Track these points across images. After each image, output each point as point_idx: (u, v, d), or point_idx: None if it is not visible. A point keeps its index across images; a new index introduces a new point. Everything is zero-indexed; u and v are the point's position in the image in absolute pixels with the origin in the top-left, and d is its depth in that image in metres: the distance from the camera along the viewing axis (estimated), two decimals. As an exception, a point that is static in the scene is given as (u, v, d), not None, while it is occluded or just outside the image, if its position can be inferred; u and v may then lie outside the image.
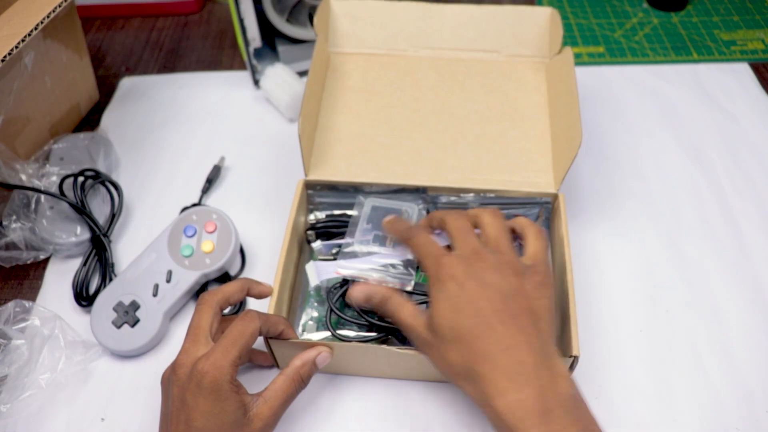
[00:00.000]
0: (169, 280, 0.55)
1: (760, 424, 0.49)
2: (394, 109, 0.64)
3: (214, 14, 0.89)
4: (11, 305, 0.52)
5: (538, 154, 0.60)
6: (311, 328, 0.52)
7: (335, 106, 0.64)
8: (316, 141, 0.61)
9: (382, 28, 0.68)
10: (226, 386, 0.41)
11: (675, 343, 0.54)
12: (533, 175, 0.58)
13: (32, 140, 0.65)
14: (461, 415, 0.49)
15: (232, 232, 0.57)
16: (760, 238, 0.61)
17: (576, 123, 0.54)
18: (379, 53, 0.69)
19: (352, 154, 0.60)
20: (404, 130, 0.62)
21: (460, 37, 0.68)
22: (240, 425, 0.41)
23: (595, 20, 0.86)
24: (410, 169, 0.58)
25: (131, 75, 0.80)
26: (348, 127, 0.62)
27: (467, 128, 0.62)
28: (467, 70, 0.67)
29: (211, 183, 0.65)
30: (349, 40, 0.69)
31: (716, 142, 0.70)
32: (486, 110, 0.63)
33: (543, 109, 0.63)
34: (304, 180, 0.57)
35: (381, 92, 0.65)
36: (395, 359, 0.48)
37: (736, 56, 0.80)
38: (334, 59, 0.68)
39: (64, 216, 0.59)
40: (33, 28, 0.54)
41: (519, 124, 0.62)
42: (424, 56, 0.68)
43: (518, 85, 0.65)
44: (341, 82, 0.66)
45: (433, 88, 0.66)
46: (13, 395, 0.49)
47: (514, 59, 0.68)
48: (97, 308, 0.54)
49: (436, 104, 0.64)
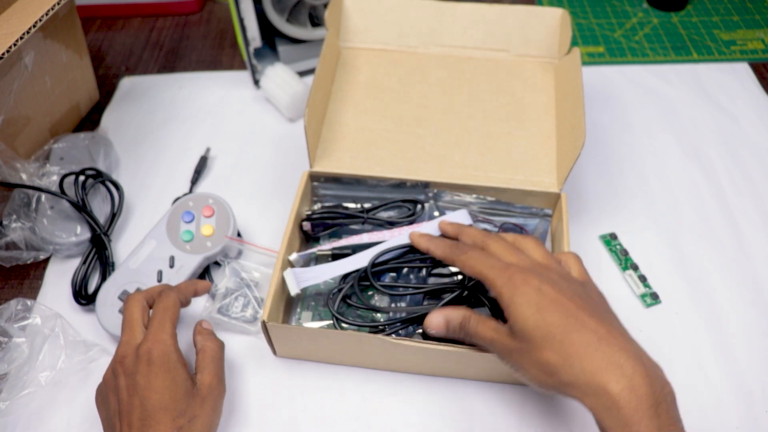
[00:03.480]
0: (173, 266, 0.55)
1: (760, 424, 0.49)
2: (402, 104, 0.64)
3: (214, 14, 0.89)
4: (14, 303, 0.52)
5: (542, 153, 0.60)
6: (306, 317, 0.53)
7: (344, 99, 0.65)
8: (322, 134, 0.61)
9: (393, 25, 0.69)
10: (173, 356, 0.44)
11: (675, 343, 0.54)
12: (536, 174, 0.58)
13: (32, 140, 0.65)
14: (461, 409, 0.50)
15: (230, 216, 0.58)
16: (760, 238, 0.61)
17: (580, 123, 0.55)
18: (390, 49, 0.69)
19: (358, 148, 0.60)
20: (410, 125, 0.62)
21: (470, 36, 0.68)
22: (191, 395, 0.44)
23: (595, 20, 0.86)
24: (414, 165, 0.59)
25: (131, 75, 0.80)
26: (355, 121, 0.63)
27: (473, 126, 0.62)
28: (476, 68, 0.68)
29: (200, 174, 0.67)
30: (360, 35, 0.69)
31: (716, 141, 0.70)
32: (492, 109, 0.64)
33: (549, 110, 0.64)
34: (309, 171, 0.58)
35: (389, 88, 0.66)
36: (390, 349, 0.48)
37: (736, 56, 0.80)
38: (344, 54, 0.69)
39: (64, 216, 0.59)
40: (32, 26, 0.54)
41: (525, 124, 0.62)
42: (434, 53, 0.69)
43: (526, 85, 0.66)
44: (351, 77, 0.67)
45: (440, 85, 0.66)
46: (12, 393, 0.50)
47: (522, 59, 0.68)
48: (101, 300, 0.54)
49: (443, 101, 0.65)
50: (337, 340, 0.49)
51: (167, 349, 0.44)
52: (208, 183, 0.67)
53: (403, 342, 0.46)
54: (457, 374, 0.51)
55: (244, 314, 0.54)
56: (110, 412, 0.44)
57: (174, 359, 0.44)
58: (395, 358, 0.50)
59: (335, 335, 0.49)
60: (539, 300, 0.40)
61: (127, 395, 0.42)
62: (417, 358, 0.49)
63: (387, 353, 0.49)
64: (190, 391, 0.44)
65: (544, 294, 0.40)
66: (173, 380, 0.43)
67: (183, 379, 0.43)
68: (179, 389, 0.43)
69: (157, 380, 0.42)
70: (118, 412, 0.43)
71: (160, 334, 0.45)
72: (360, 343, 0.48)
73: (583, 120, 0.55)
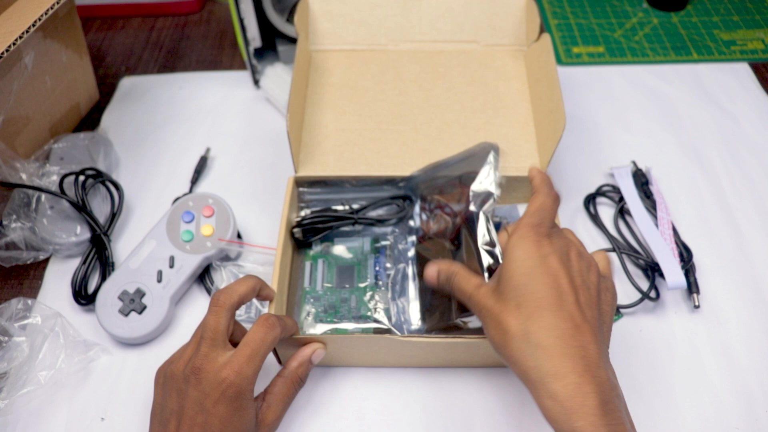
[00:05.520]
0: (173, 266, 0.55)
1: (760, 424, 0.49)
2: (379, 103, 0.65)
3: (214, 14, 0.89)
4: (14, 302, 0.52)
5: (522, 139, 0.61)
6: (310, 323, 0.53)
7: (320, 103, 0.65)
8: (303, 138, 0.62)
9: (361, 24, 0.69)
10: (248, 395, 0.42)
11: (675, 343, 0.54)
12: (519, 159, 0.59)
13: (32, 140, 0.65)
14: (469, 400, 0.50)
15: (230, 216, 0.58)
16: (760, 238, 0.61)
17: (559, 106, 0.56)
18: (360, 49, 0.70)
19: (340, 149, 0.61)
20: (390, 123, 0.63)
21: (438, 30, 0.69)
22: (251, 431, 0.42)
23: (595, 20, 0.86)
24: (398, 161, 0.60)
25: (131, 75, 0.80)
26: (334, 123, 0.63)
27: (451, 118, 0.63)
28: (447, 61, 0.69)
29: (200, 174, 0.67)
30: (330, 37, 0.70)
31: (716, 141, 0.70)
32: (468, 100, 0.65)
33: (524, 96, 0.65)
34: (294, 177, 0.58)
35: (364, 87, 0.67)
36: (398, 347, 0.48)
37: (736, 56, 0.80)
38: (316, 57, 0.69)
39: (64, 216, 0.59)
40: (31, 25, 0.54)
41: (501, 112, 0.64)
42: (405, 50, 0.70)
43: (498, 74, 0.67)
44: (324, 80, 0.67)
45: (415, 80, 0.67)
46: (12, 392, 0.50)
47: (492, 49, 0.70)
48: (101, 300, 0.54)
49: (419, 96, 0.66)
50: (344, 344, 0.49)
51: (246, 388, 0.41)
52: (208, 183, 0.67)
53: (412, 339, 0.47)
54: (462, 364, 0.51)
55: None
56: (167, 407, 0.42)
57: (249, 398, 0.42)
58: (402, 355, 0.50)
59: (343, 340, 0.48)
60: (536, 264, 0.38)
61: (192, 410, 0.41)
62: (425, 353, 0.49)
63: (394, 351, 0.49)
64: (251, 429, 0.43)
65: (545, 261, 0.38)
66: (241, 418, 0.41)
67: (250, 419, 0.42)
68: (243, 426, 0.42)
69: (226, 412, 0.41)
70: (177, 415, 0.41)
71: (247, 368, 0.41)
72: (368, 344, 0.48)
73: (561, 103, 0.56)
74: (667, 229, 0.58)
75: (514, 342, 0.37)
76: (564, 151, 0.68)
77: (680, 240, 0.58)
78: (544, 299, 0.37)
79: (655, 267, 0.56)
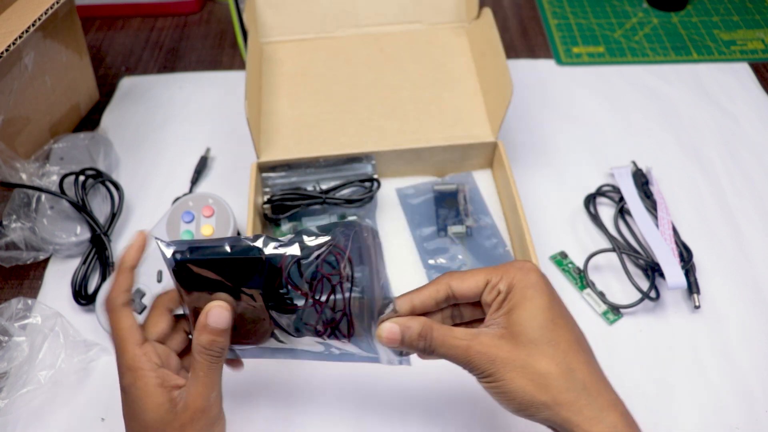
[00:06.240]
0: None
1: (760, 424, 0.49)
2: (332, 87, 0.68)
3: (214, 14, 0.89)
4: (14, 302, 0.53)
5: (473, 109, 0.65)
6: None
7: (276, 92, 0.67)
8: (262, 126, 0.64)
9: (307, 14, 0.72)
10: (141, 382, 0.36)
11: (675, 343, 0.54)
12: (472, 128, 0.63)
13: (32, 140, 0.65)
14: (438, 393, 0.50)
15: (230, 216, 0.58)
16: (760, 238, 0.61)
17: (504, 75, 0.60)
18: (309, 38, 0.72)
19: (300, 133, 0.63)
20: (345, 105, 0.66)
21: (383, 14, 0.73)
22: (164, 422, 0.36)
23: (595, 20, 0.86)
24: (357, 139, 0.62)
25: (131, 75, 0.80)
26: (291, 109, 0.66)
27: (404, 95, 0.66)
28: (394, 42, 0.72)
29: (200, 174, 0.67)
30: (278, 29, 0.72)
31: (716, 142, 0.70)
32: (418, 77, 0.68)
33: (470, 70, 0.69)
34: (257, 162, 0.60)
35: (317, 74, 0.69)
36: None
37: (736, 56, 0.80)
38: (267, 49, 0.71)
39: (64, 216, 0.59)
40: (31, 25, 0.54)
41: (450, 86, 0.67)
42: (352, 35, 0.73)
43: (444, 51, 0.71)
44: (277, 70, 0.70)
45: (365, 63, 0.70)
46: (12, 391, 0.50)
47: (435, 27, 0.73)
48: (101, 300, 0.54)
49: (370, 78, 0.68)
50: None
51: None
52: (208, 183, 0.67)
53: None
54: None
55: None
56: None
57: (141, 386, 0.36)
58: None
59: None
60: (552, 307, 0.37)
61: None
62: None
63: None
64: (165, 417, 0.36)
65: (558, 304, 0.37)
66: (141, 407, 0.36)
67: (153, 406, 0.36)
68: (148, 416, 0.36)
69: (124, 402, 0.37)
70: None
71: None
72: None
73: (507, 72, 0.59)
74: (667, 229, 0.58)
75: (557, 382, 0.35)
76: (564, 151, 0.68)
77: (680, 240, 0.58)
78: (571, 333, 0.36)
79: (655, 267, 0.56)
